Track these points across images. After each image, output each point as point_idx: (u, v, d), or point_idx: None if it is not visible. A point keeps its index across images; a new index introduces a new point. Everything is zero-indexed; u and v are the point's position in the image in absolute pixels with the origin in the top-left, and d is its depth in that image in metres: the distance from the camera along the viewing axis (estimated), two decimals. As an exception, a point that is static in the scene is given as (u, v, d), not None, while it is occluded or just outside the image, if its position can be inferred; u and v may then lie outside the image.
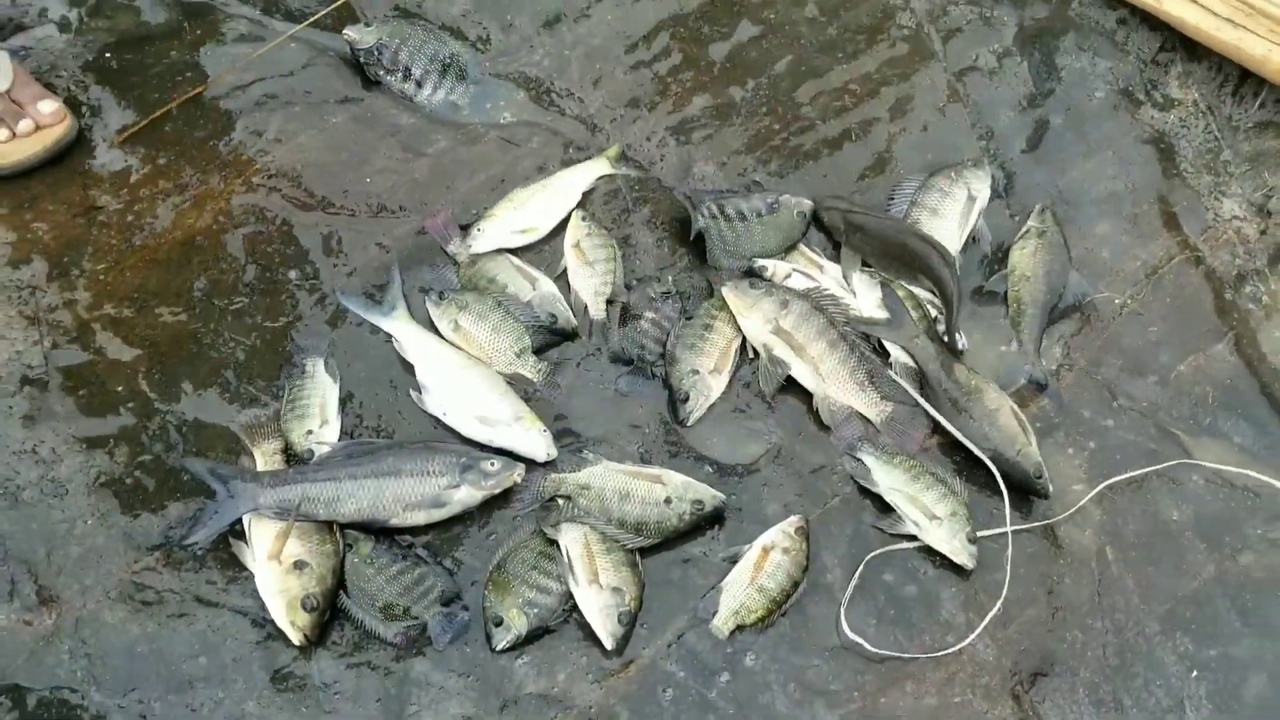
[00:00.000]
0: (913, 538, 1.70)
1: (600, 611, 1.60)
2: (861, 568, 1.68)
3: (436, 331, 1.84)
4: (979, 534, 1.70)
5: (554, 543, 1.66)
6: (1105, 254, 1.99)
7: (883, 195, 2.01)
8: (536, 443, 1.71)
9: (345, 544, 1.65)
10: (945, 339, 1.83)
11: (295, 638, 1.57)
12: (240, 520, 1.63)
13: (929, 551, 1.70)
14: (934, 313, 1.88)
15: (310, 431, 1.72)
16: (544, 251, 1.93)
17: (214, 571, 1.63)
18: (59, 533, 1.65)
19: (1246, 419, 1.86)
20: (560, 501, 1.70)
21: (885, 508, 1.73)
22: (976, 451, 1.74)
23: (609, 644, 1.59)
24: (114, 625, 1.59)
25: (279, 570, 1.59)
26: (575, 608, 1.62)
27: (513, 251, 1.91)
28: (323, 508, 1.63)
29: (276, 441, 1.72)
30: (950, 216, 1.95)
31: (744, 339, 1.84)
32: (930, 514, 1.69)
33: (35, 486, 1.68)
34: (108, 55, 2.06)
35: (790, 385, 1.82)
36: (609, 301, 1.86)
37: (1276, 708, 1.64)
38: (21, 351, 1.78)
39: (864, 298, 1.89)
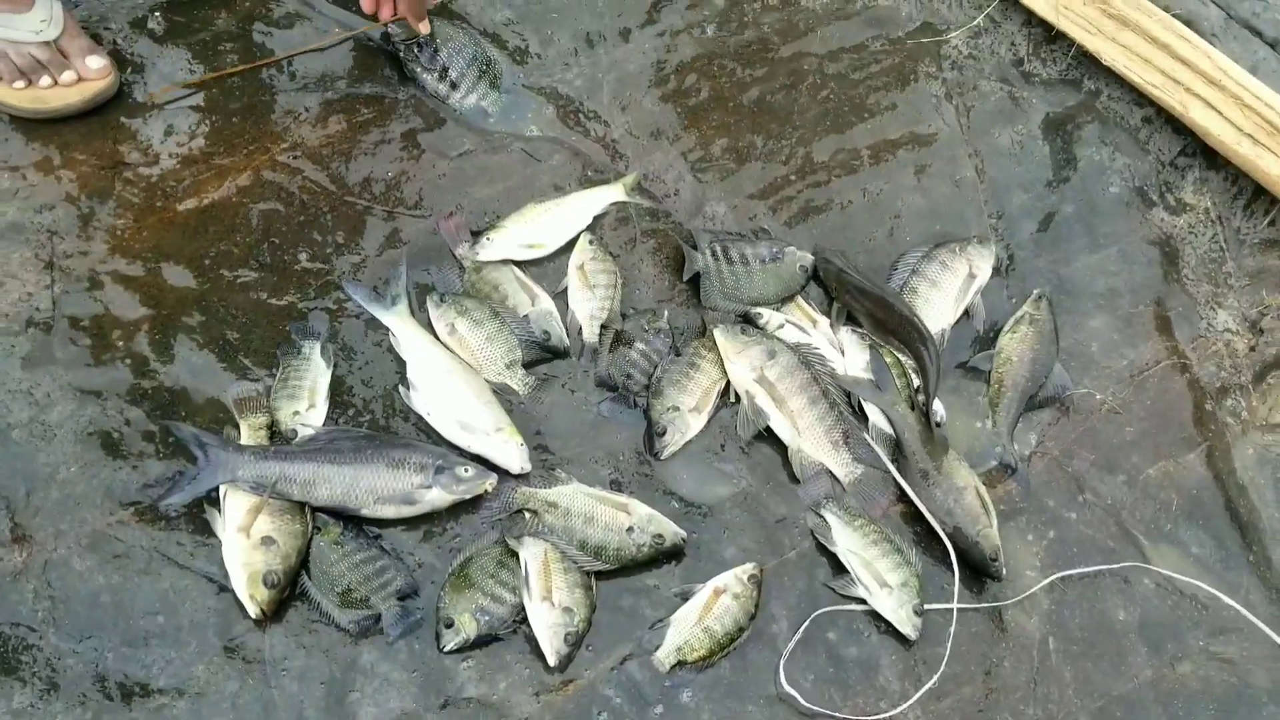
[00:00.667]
0: (862, 601, 1.74)
1: (549, 628, 1.64)
2: (807, 623, 1.72)
3: (434, 332, 1.88)
4: (927, 607, 1.74)
5: (515, 554, 1.70)
6: (1094, 348, 2.03)
7: (886, 259, 2.05)
8: (512, 455, 1.75)
9: (314, 527, 1.70)
10: (922, 411, 1.87)
11: (252, 611, 1.62)
12: (217, 489, 1.68)
13: (875, 616, 1.74)
14: (917, 381, 1.92)
15: (297, 412, 1.76)
16: (548, 268, 1.97)
17: (184, 535, 1.68)
18: (41, 475, 1.70)
19: (1206, 531, 1.89)
20: (527, 515, 1.75)
21: (840, 568, 1.77)
22: (936, 527, 1.78)
23: (552, 661, 1.64)
24: (81, 572, 1.64)
25: (246, 543, 1.64)
26: (526, 620, 1.66)
27: (518, 264, 1.96)
28: (298, 488, 1.68)
29: (264, 417, 1.77)
30: (948, 290, 1.98)
31: (728, 382, 1.88)
32: (882, 581, 1.73)
33: (25, 427, 1.73)
34: (157, 14, 2.11)
35: (767, 435, 1.86)
36: (603, 326, 1.91)
37: (1189, 818, 1.68)
38: (32, 294, 1.83)
39: (852, 359, 1.93)
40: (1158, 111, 2.23)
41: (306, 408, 1.77)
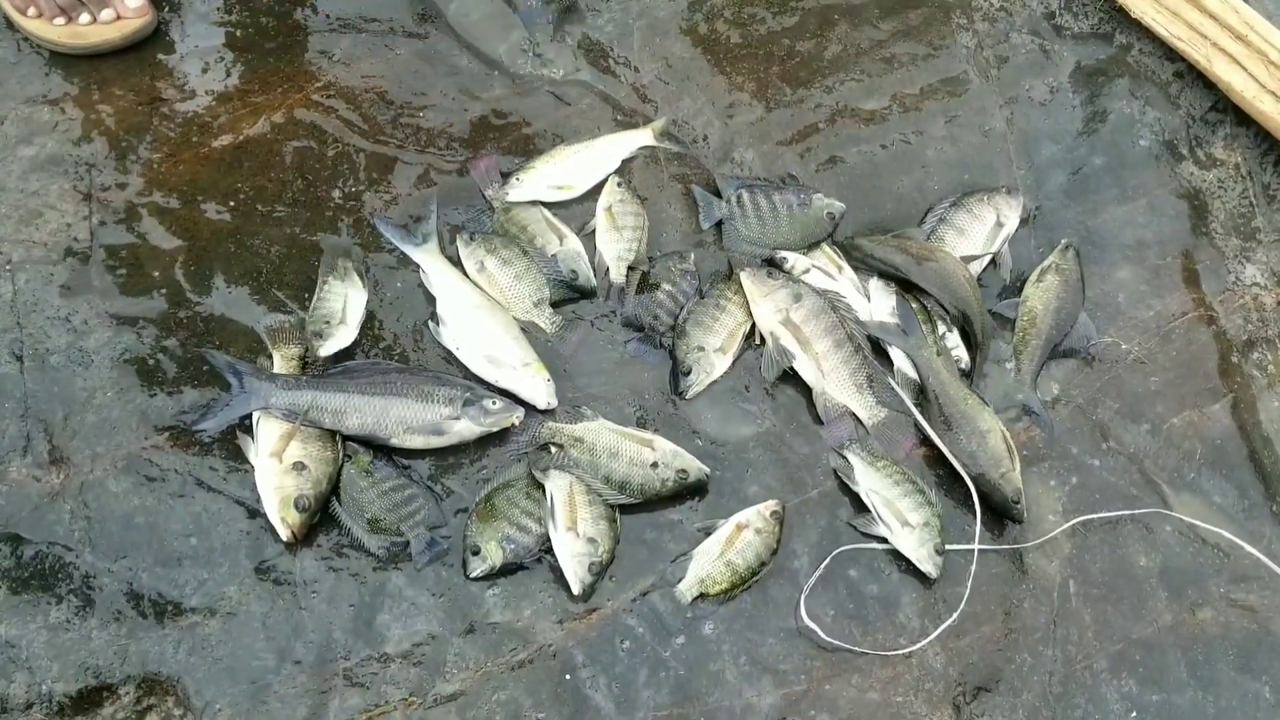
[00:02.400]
0: (883, 540, 1.76)
1: (573, 558, 1.67)
2: (829, 560, 1.74)
3: (463, 269, 1.90)
4: (948, 546, 1.75)
5: (540, 486, 1.72)
6: (1121, 299, 2.03)
7: (913, 207, 2.05)
8: (539, 390, 1.78)
9: (345, 455, 1.73)
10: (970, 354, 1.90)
11: (284, 534, 1.65)
12: (250, 416, 1.71)
13: (896, 555, 1.75)
14: (943, 328, 1.92)
15: (329, 323, 1.78)
16: (576, 210, 1.99)
17: (217, 460, 1.71)
18: (79, 399, 1.73)
19: (1229, 480, 1.89)
20: (553, 449, 1.77)
21: (862, 508, 1.78)
22: (958, 467, 1.79)
23: (576, 589, 1.66)
24: (116, 494, 1.68)
25: (279, 468, 1.67)
26: (550, 550, 1.69)
27: (547, 205, 1.97)
28: (329, 416, 1.71)
29: (296, 347, 1.79)
30: (976, 238, 1.99)
31: (754, 324, 1.90)
32: (904, 520, 1.74)
33: (63, 353, 1.76)
34: (193, -45, 2.13)
35: (791, 377, 1.87)
36: (630, 268, 1.92)
37: (1206, 759, 1.69)
38: (71, 224, 1.86)
39: (877, 304, 1.94)
40: (1189, 67, 2.21)
41: (338, 323, 1.79)
